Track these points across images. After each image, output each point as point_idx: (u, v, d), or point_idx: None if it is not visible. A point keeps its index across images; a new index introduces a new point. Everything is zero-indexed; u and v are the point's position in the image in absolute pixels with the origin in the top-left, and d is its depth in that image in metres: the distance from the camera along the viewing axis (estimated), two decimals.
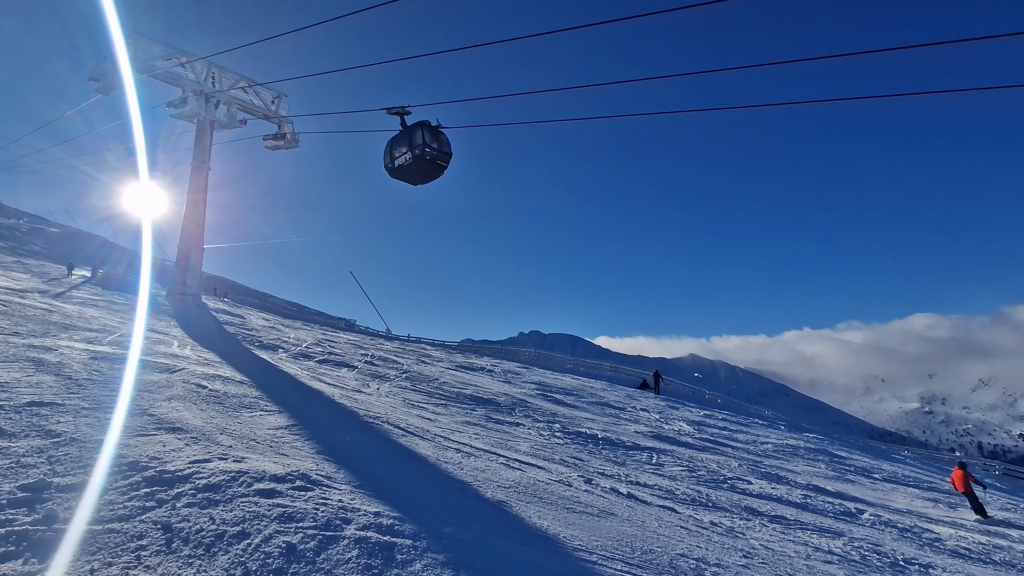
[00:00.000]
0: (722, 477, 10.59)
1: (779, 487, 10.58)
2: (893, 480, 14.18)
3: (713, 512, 7.78)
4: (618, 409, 19.35)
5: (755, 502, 8.99)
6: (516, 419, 13.34)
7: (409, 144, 10.32)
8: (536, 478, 7.34)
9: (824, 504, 9.76)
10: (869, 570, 6.38)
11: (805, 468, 13.68)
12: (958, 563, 7.51)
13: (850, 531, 8.14)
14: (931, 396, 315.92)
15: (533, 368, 32.47)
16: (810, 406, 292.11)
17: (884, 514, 9.69)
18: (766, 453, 15.02)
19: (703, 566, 4.86)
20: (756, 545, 6.29)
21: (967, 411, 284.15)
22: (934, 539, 8.56)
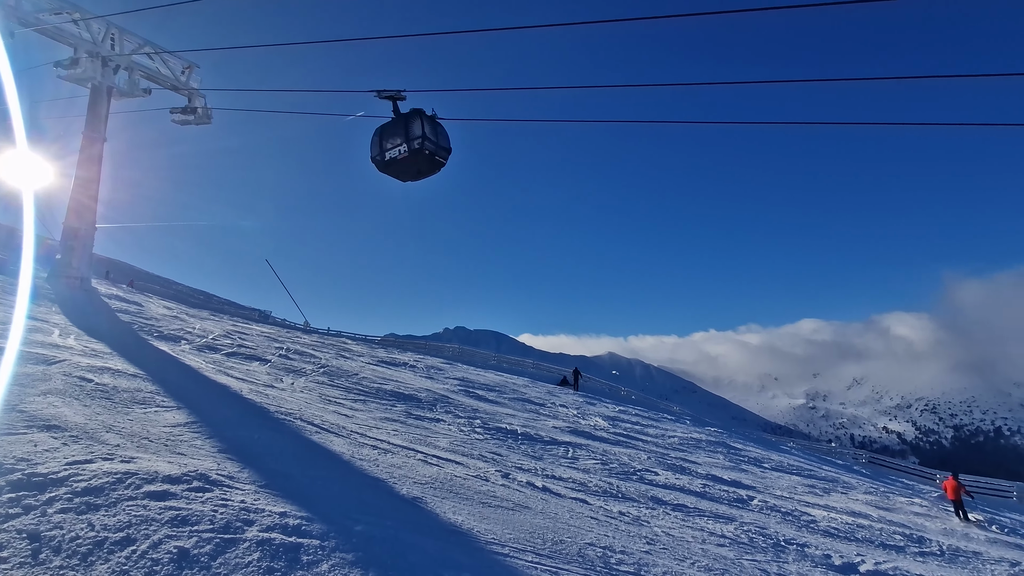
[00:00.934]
0: (632, 469, 11.17)
1: (682, 477, 11.34)
2: (779, 469, 15.65)
3: (622, 503, 8.20)
4: (539, 405, 19.79)
5: (660, 492, 9.58)
6: (437, 415, 13.26)
7: (406, 135, 9.05)
8: (454, 474, 7.35)
9: (720, 492, 10.60)
10: (755, 551, 7.02)
11: (706, 459, 14.75)
12: (828, 541, 8.45)
13: (741, 516, 8.91)
14: (815, 393, 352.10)
15: (457, 364, 32.35)
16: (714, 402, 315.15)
17: (770, 500, 10.69)
18: (672, 446, 16.02)
19: (609, 553, 5.12)
20: (659, 532, 6.73)
21: (843, 406, 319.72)
22: (810, 521, 9.58)
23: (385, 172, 9.54)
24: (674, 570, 5.14)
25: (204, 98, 24.33)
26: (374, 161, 9.47)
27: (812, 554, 7.35)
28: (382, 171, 9.54)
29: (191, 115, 23.88)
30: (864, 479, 17.36)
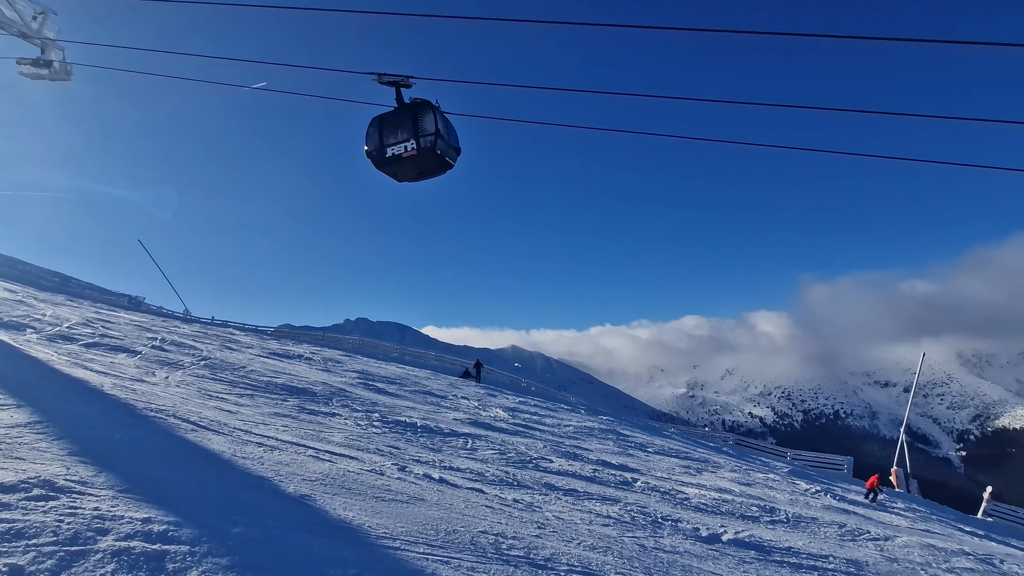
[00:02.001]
0: (528, 458, 11.55)
1: (575, 463, 11.95)
2: (661, 452, 17.06)
3: (517, 490, 8.47)
4: (440, 398, 19.74)
5: (554, 478, 10.03)
6: (332, 409, 12.74)
7: (415, 130, 7.90)
8: (347, 469, 7.13)
9: (608, 476, 11.32)
10: (636, 528, 7.61)
11: (597, 446, 15.65)
12: (698, 516, 9.39)
13: (625, 497, 9.60)
14: (694, 383, 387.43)
15: (357, 356, 31.22)
16: (608, 392, 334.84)
17: (652, 481, 11.62)
18: (567, 435, 16.80)
19: (501, 539, 5.28)
20: (550, 516, 7.05)
21: (717, 395, 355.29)
22: (684, 499, 10.57)
23: (382, 169, 8.41)
24: (561, 551, 5.43)
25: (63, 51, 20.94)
26: (371, 155, 8.31)
27: (684, 528, 8.12)
28: (379, 168, 8.39)
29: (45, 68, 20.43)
30: (731, 459, 19.45)
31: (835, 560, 7.96)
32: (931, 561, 9.13)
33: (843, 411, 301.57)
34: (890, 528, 11.41)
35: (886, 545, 9.61)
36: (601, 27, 6.39)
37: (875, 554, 8.87)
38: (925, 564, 8.85)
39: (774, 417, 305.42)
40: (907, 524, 12.74)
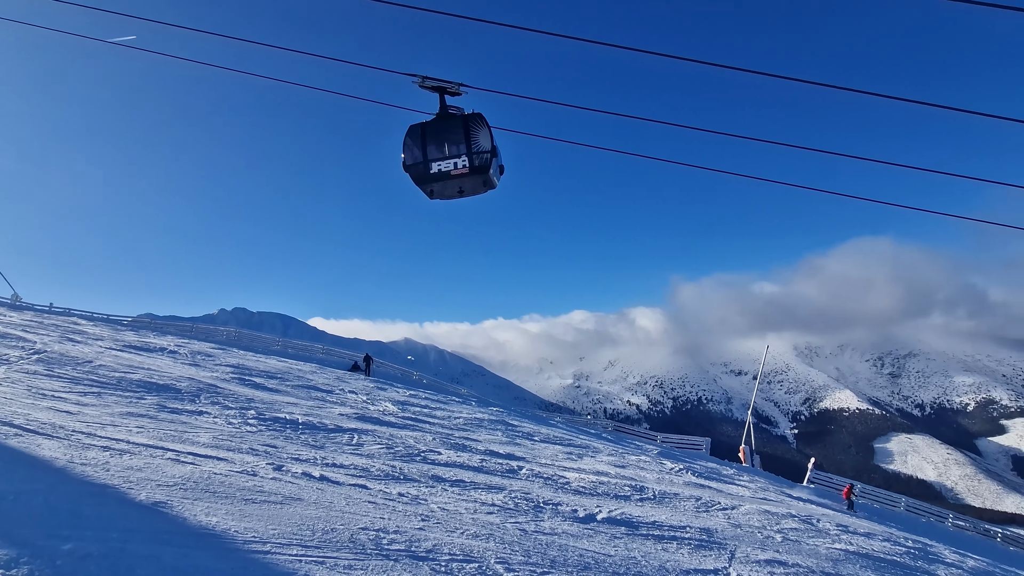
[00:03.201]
0: (417, 451, 11.46)
1: (463, 455, 12.08)
2: (547, 441, 17.85)
3: (403, 484, 8.37)
4: (326, 392, 18.82)
5: (441, 470, 10.05)
6: (200, 407, 11.59)
7: (467, 146, 7.14)
8: (213, 471, 6.54)
9: (496, 465, 11.61)
10: (518, 514, 7.91)
11: (486, 437, 15.96)
12: (577, 498, 9.99)
13: (510, 485, 9.92)
14: (580, 374, 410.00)
15: (232, 349, 28.67)
16: (500, 384, 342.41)
17: (536, 468, 12.13)
18: (458, 426, 16.91)
19: (383, 535, 5.20)
20: (435, 508, 7.07)
21: (600, 384, 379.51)
22: (565, 483, 11.18)
23: (421, 186, 7.44)
24: (444, 541, 5.48)
25: None
26: (411, 169, 7.35)
27: (563, 511, 8.60)
28: (419, 184, 7.40)
29: None
30: (609, 444, 20.92)
31: (691, 529, 8.92)
32: (766, 524, 10.60)
33: (705, 397, 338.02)
34: (736, 499, 13.05)
35: (732, 513, 10.97)
36: None
37: (723, 522, 10.09)
38: (761, 527, 10.25)
39: (648, 404, 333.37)
40: (749, 494, 14.65)
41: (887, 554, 10.52)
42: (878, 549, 10.79)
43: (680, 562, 7.02)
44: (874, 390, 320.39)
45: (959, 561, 12.00)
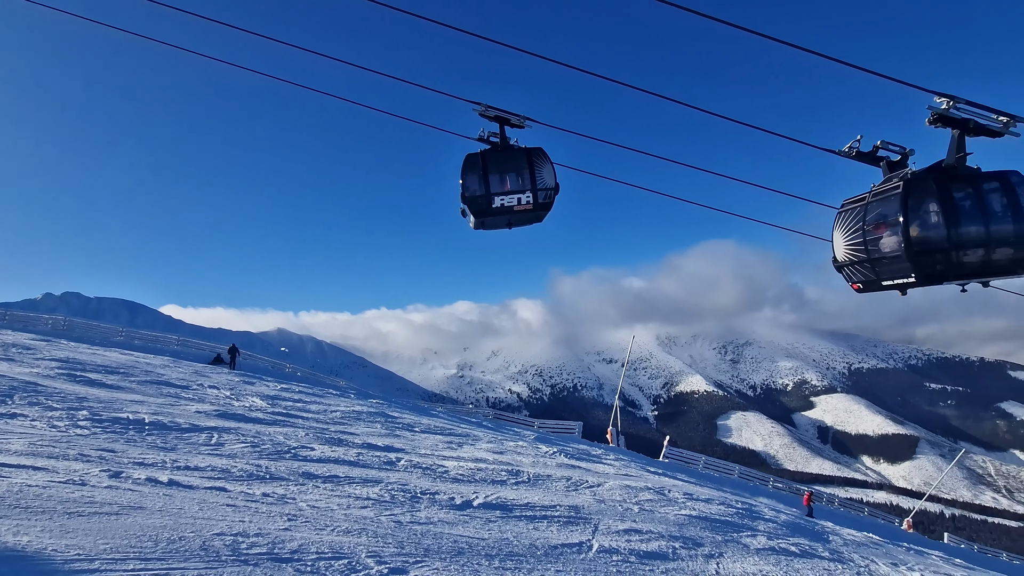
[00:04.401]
0: (287, 448, 10.76)
1: (338, 449, 11.60)
2: (427, 431, 17.79)
3: (269, 484, 7.83)
4: (180, 388, 16.87)
5: (314, 467, 9.57)
6: (12, 409, 9.77)
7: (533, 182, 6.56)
8: (27, 483, 5.55)
9: (373, 459, 11.32)
10: (394, 506, 7.82)
11: (364, 429, 15.48)
12: (455, 486, 10.13)
13: (387, 477, 9.75)
14: (464, 364, 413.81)
15: (59, 341, 24.50)
16: (382, 375, 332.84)
17: (415, 459, 12.06)
18: (334, 420, 16.17)
19: (241, 539, 4.83)
20: (304, 507, 6.72)
21: (483, 374, 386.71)
22: (444, 472, 11.26)
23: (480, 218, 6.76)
24: (312, 540, 5.25)
25: None
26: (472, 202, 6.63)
27: (440, 499, 8.67)
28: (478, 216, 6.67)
29: None
30: (489, 431, 21.45)
31: (561, 508, 9.53)
32: (627, 498, 11.68)
33: (580, 384, 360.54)
34: (602, 476, 14.18)
35: (598, 490, 11.91)
36: None
37: (590, 499, 10.91)
38: (622, 501, 11.28)
39: (528, 392, 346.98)
40: (614, 472, 16.00)
41: (721, 515, 12.16)
42: (715, 511, 12.43)
43: (549, 539, 7.47)
44: (719, 374, 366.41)
45: (775, 516, 14.25)
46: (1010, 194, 4.80)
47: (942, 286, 5.05)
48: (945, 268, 4.81)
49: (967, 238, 4.72)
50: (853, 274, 5.42)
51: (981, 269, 4.82)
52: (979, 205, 4.79)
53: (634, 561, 7.33)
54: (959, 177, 4.88)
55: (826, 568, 9.57)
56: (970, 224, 4.74)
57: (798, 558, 9.82)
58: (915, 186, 4.83)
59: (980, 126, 4.82)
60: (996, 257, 4.78)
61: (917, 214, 4.77)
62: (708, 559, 8.28)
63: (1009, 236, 4.76)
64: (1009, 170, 4.92)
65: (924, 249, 4.79)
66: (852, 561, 10.76)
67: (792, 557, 9.79)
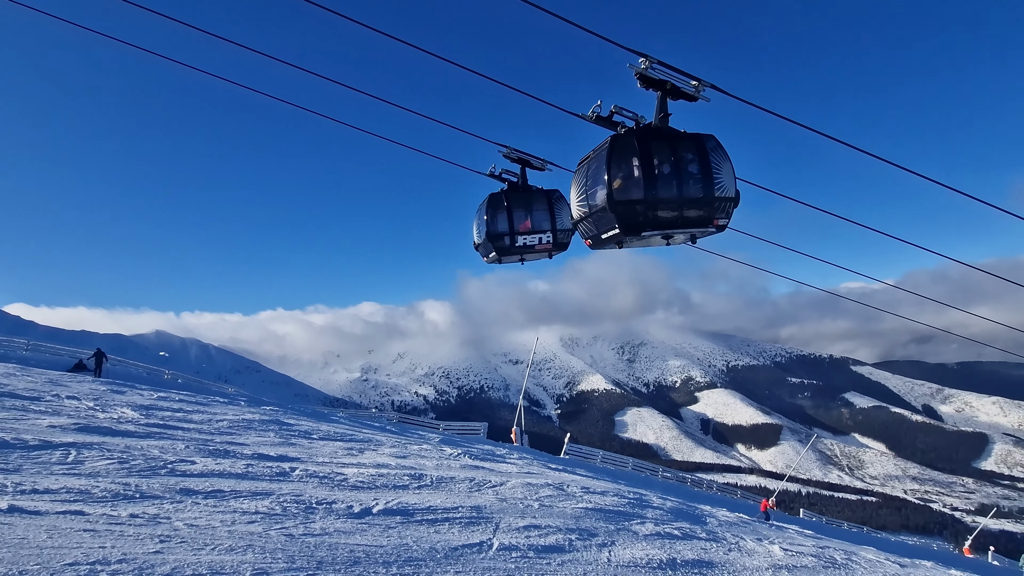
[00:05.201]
0: (162, 463, 9.75)
1: (224, 462, 10.72)
2: (326, 438, 16.98)
3: (138, 503, 7.05)
4: (30, 399, 14.63)
5: (194, 482, 8.77)
6: None
7: (552, 223, 6.88)
8: None
9: (264, 470, 10.60)
10: (286, 518, 7.41)
11: (256, 439, 14.43)
12: (354, 494, 9.79)
13: (280, 489, 9.20)
14: (368, 367, 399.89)
15: None
16: (278, 380, 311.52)
17: (312, 467, 11.47)
18: (220, 430, 14.91)
19: (100, 568, 4.31)
20: (180, 526, 6.15)
21: (389, 377, 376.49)
22: (342, 480, 10.83)
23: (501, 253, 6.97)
24: (187, 561, 4.82)
25: None
26: (495, 239, 6.84)
27: (337, 508, 8.35)
28: (500, 253, 6.80)
29: None
30: (393, 436, 20.97)
31: (463, 509, 9.59)
32: (528, 495, 12.03)
33: (487, 385, 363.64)
34: (505, 475, 14.46)
35: (500, 490, 12.14)
36: None
37: (492, 498, 11.09)
38: (523, 498, 11.60)
39: (435, 395, 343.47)
40: (517, 470, 16.38)
41: (615, 506, 12.94)
42: (609, 503, 13.20)
43: (450, 540, 7.50)
44: (616, 373, 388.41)
45: (662, 504, 15.44)
46: (702, 156, 5.28)
47: None
48: (644, 220, 5.19)
49: (662, 194, 5.14)
50: (584, 230, 5.83)
51: (676, 222, 5.27)
52: (675, 164, 5.20)
53: (533, 556, 7.59)
54: (660, 136, 5.24)
55: (703, 547, 10.55)
56: (665, 181, 5.15)
57: (680, 540, 10.73)
58: (619, 144, 5.27)
59: (677, 89, 5.20)
60: (688, 213, 5.28)
61: (619, 169, 5.20)
62: (601, 548, 8.79)
63: (699, 195, 5.26)
64: (706, 134, 5.35)
65: (624, 201, 5.15)
66: (725, 539, 11.96)
67: (675, 540, 10.68)
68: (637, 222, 5.22)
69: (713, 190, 5.30)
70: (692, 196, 5.26)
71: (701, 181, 5.26)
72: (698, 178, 5.26)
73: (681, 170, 5.23)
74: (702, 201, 5.29)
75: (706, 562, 9.42)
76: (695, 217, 5.32)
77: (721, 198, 5.33)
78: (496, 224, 7.05)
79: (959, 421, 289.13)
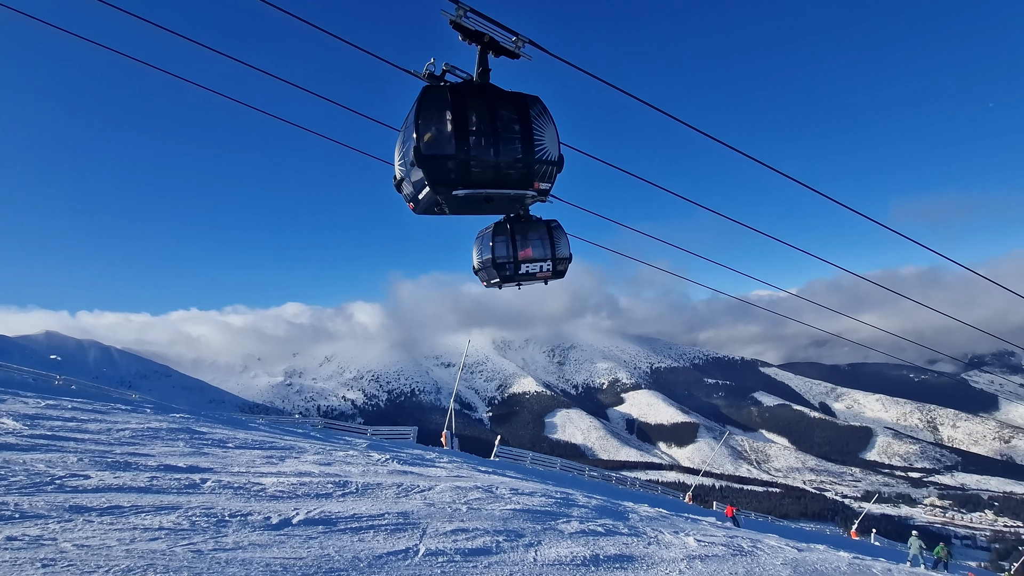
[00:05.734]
0: (49, 478, 8.77)
1: (124, 475, 9.81)
2: (243, 446, 15.99)
3: (17, 525, 6.31)
4: None
5: (87, 498, 7.97)
6: None
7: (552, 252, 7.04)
8: None
9: (171, 482, 9.82)
10: (195, 533, 6.92)
11: (162, 449, 13.32)
12: (272, 504, 9.30)
13: (189, 502, 8.56)
14: (293, 371, 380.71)
15: None
16: (191, 386, 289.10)
17: (226, 478, 10.77)
18: (120, 440, 13.62)
19: None
20: (68, 548, 5.58)
21: (314, 381, 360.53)
22: (260, 490, 10.25)
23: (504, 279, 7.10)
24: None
25: None
26: (501, 266, 6.93)
27: (253, 520, 7.91)
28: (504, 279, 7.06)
29: None
30: (317, 442, 20.10)
31: (389, 516, 9.40)
32: (456, 499, 11.99)
33: (418, 389, 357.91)
34: (434, 480, 14.31)
35: (428, 494, 12.02)
36: None
37: (420, 504, 10.95)
38: (451, 502, 11.54)
39: (364, 399, 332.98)
40: (446, 474, 16.26)
41: (542, 506, 13.21)
42: (537, 503, 13.45)
43: (375, 548, 7.34)
44: (547, 375, 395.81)
45: (588, 502, 15.93)
46: (523, 117, 5.00)
47: None
48: (456, 177, 4.81)
49: (476, 152, 4.82)
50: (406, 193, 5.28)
51: (492, 182, 4.95)
52: (492, 122, 4.87)
53: (459, 560, 7.59)
54: (478, 92, 4.89)
55: (624, 542, 11.02)
56: (479, 138, 4.83)
57: (603, 537, 11.15)
58: (429, 95, 4.79)
59: (497, 44, 4.88)
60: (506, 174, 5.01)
61: (429, 123, 4.77)
62: (528, 548, 8.94)
63: (517, 155, 5.03)
64: (531, 95, 5.04)
65: (431, 155, 4.73)
66: (645, 533, 12.56)
67: (599, 536, 11.08)
68: (448, 179, 4.80)
69: (534, 153, 5.03)
70: (510, 158, 5.02)
71: (521, 142, 5.04)
72: (518, 139, 5.03)
73: (499, 129, 4.94)
74: (520, 163, 5.05)
75: (627, 556, 9.86)
76: (514, 178, 5.07)
77: (542, 160, 5.07)
78: (500, 251, 6.99)
79: (849, 417, 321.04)
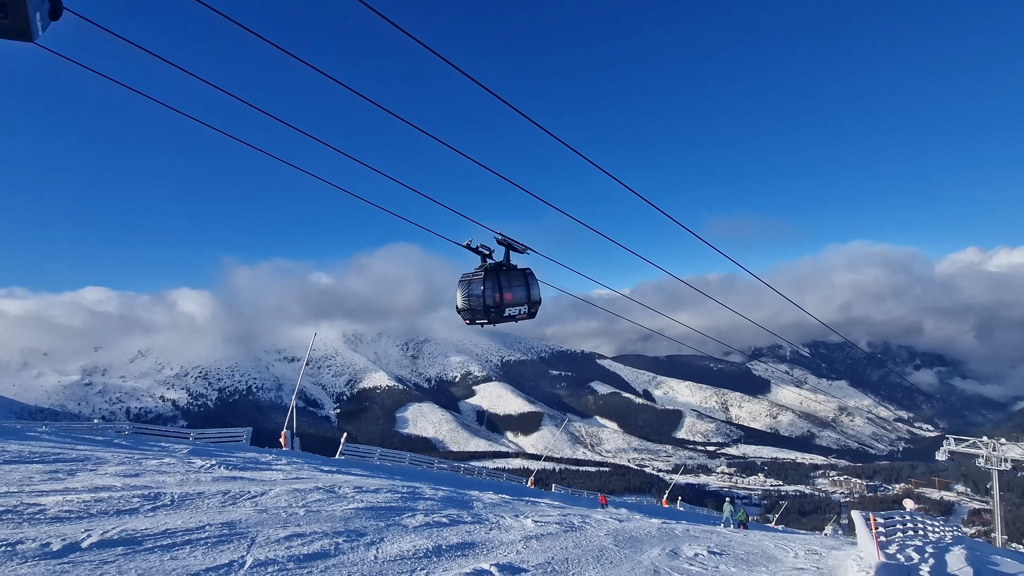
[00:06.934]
0: None
1: None
2: (17, 460, 13.04)
3: None
4: None
5: None
6: None
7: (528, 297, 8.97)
8: None
9: None
10: None
11: None
12: (55, 527, 7.78)
13: None
14: (93, 368, 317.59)
15: None
16: None
17: None
18: None
19: None
20: None
21: (123, 379, 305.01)
22: (38, 511, 8.47)
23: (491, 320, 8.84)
24: None
25: None
26: (489, 310, 8.68)
27: (26, 549, 6.55)
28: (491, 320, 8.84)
29: None
30: (122, 451, 17.21)
31: (211, 527, 8.50)
32: (292, 502, 11.26)
33: (255, 386, 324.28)
34: (268, 484, 13.25)
35: (260, 500, 11.09)
36: None
37: (250, 511, 10.06)
38: (287, 506, 10.81)
39: (188, 399, 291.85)
40: (283, 477, 15.15)
41: (387, 502, 13.05)
42: (382, 500, 13.24)
43: (190, 566, 6.61)
44: (400, 369, 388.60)
45: (434, 494, 16.13)
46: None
47: None
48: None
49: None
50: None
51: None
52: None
53: (292, 567, 7.20)
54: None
55: (467, 530, 11.43)
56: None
57: (447, 527, 11.42)
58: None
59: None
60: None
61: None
62: (369, 547, 8.80)
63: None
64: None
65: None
66: (488, 520, 13.14)
67: (443, 527, 11.32)
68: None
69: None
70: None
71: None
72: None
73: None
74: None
75: (469, 543, 10.24)
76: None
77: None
78: (490, 295, 8.68)
79: (665, 401, 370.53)
